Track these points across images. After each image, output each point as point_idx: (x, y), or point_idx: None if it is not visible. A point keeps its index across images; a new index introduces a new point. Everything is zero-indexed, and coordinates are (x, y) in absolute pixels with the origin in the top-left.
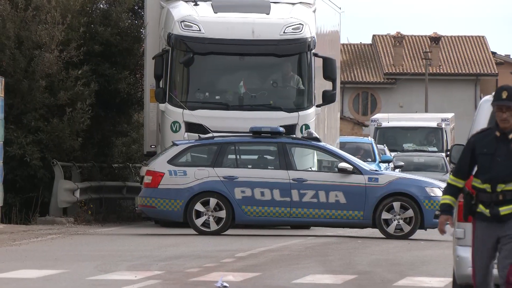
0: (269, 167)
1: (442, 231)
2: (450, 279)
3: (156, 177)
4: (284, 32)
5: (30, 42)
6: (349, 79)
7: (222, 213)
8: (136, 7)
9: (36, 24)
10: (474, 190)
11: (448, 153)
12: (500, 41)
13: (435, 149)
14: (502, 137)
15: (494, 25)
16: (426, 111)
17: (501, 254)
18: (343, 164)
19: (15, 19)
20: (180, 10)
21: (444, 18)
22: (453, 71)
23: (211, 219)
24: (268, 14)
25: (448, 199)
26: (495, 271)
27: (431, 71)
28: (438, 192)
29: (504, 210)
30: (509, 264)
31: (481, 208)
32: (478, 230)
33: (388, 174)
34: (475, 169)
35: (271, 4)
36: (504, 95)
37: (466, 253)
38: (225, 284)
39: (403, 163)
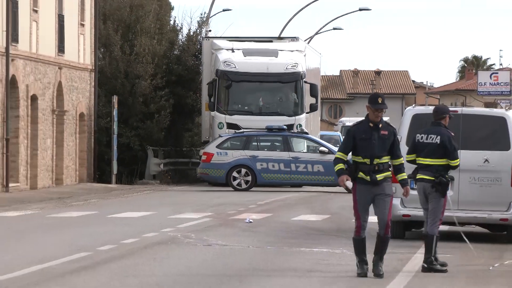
0: (277, 150)
1: (345, 185)
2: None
3: (209, 156)
4: (286, 68)
5: (133, 74)
6: (325, 97)
7: (249, 178)
8: (197, 53)
9: (136, 63)
10: (354, 163)
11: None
12: (419, 71)
13: None
14: (374, 127)
15: (415, 60)
16: None
17: (380, 206)
18: (322, 148)
19: (124, 60)
20: (223, 55)
21: (384, 57)
22: (389, 92)
23: (242, 181)
24: (276, 57)
25: (341, 166)
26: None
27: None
28: None
29: (379, 176)
30: (387, 214)
31: (361, 175)
32: (359, 190)
33: None
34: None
35: (279, 51)
36: (380, 100)
37: (396, 201)
38: (251, 220)
39: None
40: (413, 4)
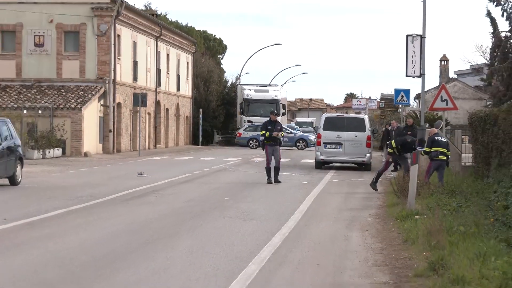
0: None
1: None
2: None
3: (240, 134)
4: (272, 98)
5: (208, 100)
6: (288, 110)
7: (257, 143)
8: (235, 91)
9: (210, 95)
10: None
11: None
12: (328, 98)
13: (311, 128)
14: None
15: (327, 93)
16: (308, 116)
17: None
18: (288, 130)
19: (204, 94)
20: (246, 92)
21: (313, 92)
22: (315, 108)
23: (254, 145)
24: (268, 92)
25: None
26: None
27: (312, 107)
28: (312, 138)
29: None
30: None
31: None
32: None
33: (299, 133)
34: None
35: (269, 90)
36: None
37: (318, 153)
38: (257, 161)
39: (302, 132)
40: (328, 66)
